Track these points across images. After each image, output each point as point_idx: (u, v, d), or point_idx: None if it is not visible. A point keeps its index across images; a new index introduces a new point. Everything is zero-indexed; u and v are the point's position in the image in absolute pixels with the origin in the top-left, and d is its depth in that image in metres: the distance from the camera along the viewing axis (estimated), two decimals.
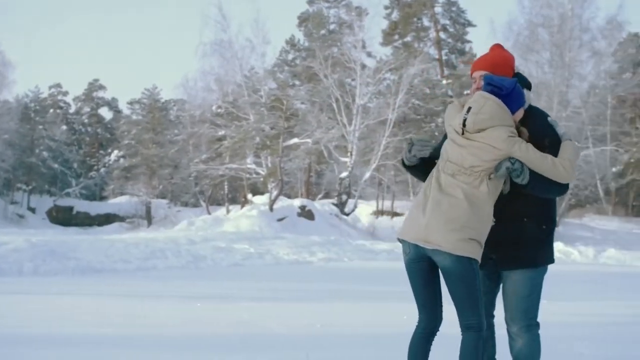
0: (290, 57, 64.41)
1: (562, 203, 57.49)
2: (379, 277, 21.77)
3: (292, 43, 64.99)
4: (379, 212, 54.58)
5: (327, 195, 60.90)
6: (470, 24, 65.77)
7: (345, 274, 22.79)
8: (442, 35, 65.81)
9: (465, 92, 56.93)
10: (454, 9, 64.65)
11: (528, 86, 5.64)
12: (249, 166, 52.16)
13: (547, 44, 59.22)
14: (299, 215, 43.26)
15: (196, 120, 58.53)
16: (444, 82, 57.26)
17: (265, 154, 52.10)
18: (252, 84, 55.54)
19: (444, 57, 65.51)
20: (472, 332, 5.20)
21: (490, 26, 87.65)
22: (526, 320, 5.54)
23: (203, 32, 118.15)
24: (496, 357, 5.85)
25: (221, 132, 54.26)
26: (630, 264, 31.59)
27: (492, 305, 5.72)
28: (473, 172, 5.23)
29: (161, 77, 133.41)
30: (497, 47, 5.71)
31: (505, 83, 5.33)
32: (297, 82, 60.47)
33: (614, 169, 56.38)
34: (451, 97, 56.28)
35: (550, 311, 11.93)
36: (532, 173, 5.22)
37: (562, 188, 5.33)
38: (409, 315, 11.47)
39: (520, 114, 5.44)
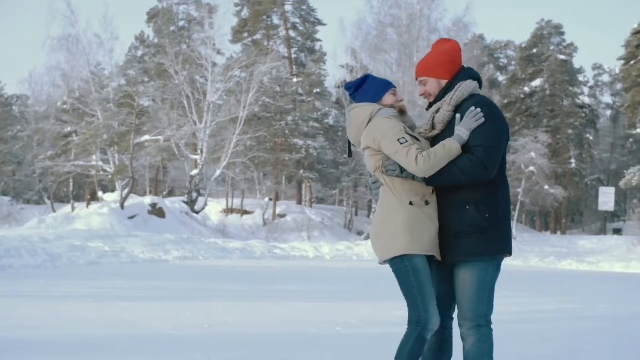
0: (139, 53, 63.47)
1: None
2: (245, 275, 21.80)
3: (141, 39, 64.07)
4: (229, 210, 54.43)
5: (171, 193, 60.35)
6: (320, 23, 66.26)
7: (208, 272, 22.72)
8: (292, 33, 66.07)
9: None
10: (304, 7, 64.99)
11: (476, 78, 5.56)
12: (96, 163, 51.10)
13: (395, 44, 60.29)
14: (150, 213, 42.63)
15: (41, 117, 56.97)
16: (294, 80, 57.51)
17: (113, 151, 51.20)
18: (100, 80, 54.46)
19: (293, 56, 65.78)
20: (411, 326, 5.26)
21: (340, 25, 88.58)
22: (475, 320, 5.32)
23: (51, 27, 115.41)
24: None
25: (68, 129, 52.98)
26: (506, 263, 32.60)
27: (450, 307, 5.57)
28: (378, 172, 5.41)
29: (5, 72, 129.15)
30: (434, 45, 5.72)
31: (353, 82, 5.66)
32: (146, 79, 59.69)
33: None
34: (301, 95, 56.65)
35: None
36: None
37: (472, 173, 5.16)
38: (287, 313, 11.69)
39: (388, 98, 5.55)
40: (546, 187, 61.99)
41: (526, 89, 71.39)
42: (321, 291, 17.00)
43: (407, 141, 5.19)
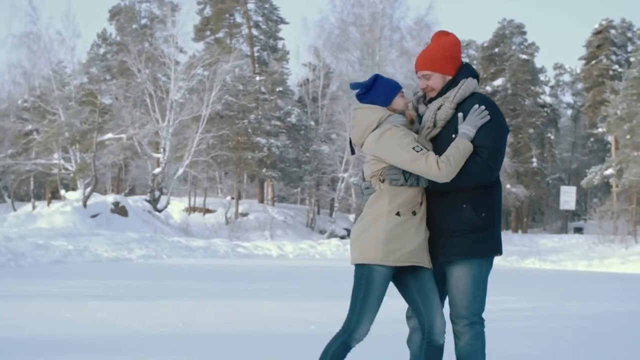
0: (102, 51, 63.08)
1: None
2: (212, 274, 21.84)
3: (103, 37, 63.67)
4: (191, 209, 54.31)
5: (132, 191, 60.09)
6: (283, 21, 66.22)
7: (174, 271, 22.72)
8: (255, 31, 65.95)
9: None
10: (266, 5, 64.93)
11: (475, 75, 5.53)
12: (57, 162, 50.76)
13: (358, 42, 60.55)
14: (113, 211, 42.47)
15: (1, 115, 56.42)
16: (257, 78, 57.46)
17: (75, 150, 50.92)
18: (61, 78, 54.12)
19: (256, 54, 65.70)
20: (341, 330, 5.39)
21: (302, 24, 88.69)
22: (469, 317, 5.33)
23: (12, 24, 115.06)
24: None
25: (29, 127, 52.62)
26: None
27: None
28: (374, 179, 5.39)
29: None
30: (436, 38, 5.63)
31: (364, 82, 5.52)
32: (108, 77, 59.34)
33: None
34: (264, 93, 56.62)
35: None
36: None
37: (478, 176, 5.19)
38: (259, 312, 11.76)
39: (398, 101, 5.45)
40: (508, 185, 62.59)
41: (488, 88, 71.86)
42: (289, 290, 17.07)
43: (422, 149, 5.15)
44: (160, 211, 48.37)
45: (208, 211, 54.09)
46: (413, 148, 5.13)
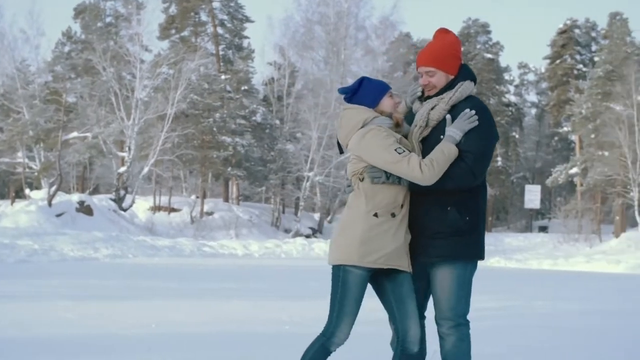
0: (66, 49, 62.66)
1: (336, 200, 59.11)
2: (180, 273, 21.90)
3: (68, 35, 63.24)
4: (156, 208, 54.16)
5: (96, 190, 59.82)
6: (248, 20, 66.09)
7: (141, 270, 22.84)
8: (220, 30, 65.79)
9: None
10: (232, 4, 64.79)
11: (473, 78, 5.46)
12: (22, 160, 50.39)
13: (323, 41, 60.58)
14: (78, 210, 42.29)
15: None
16: (223, 77, 57.41)
17: (39, 149, 50.61)
18: (25, 77, 53.74)
19: (221, 53, 65.56)
20: (320, 333, 5.32)
21: (268, 22, 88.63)
22: (455, 319, 5.27)
23: None
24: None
25: None
26: None
27: (422, 307, 5.48)
28: (354, 178, 5.33)
29: None
30: (440, 35, 5.52)
31: (350, 86, 5.44)
32: (73, 75, 59.00)
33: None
34: (229, 92, 56.57)
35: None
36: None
37: (460, 180, 5.12)
38: (231, 312, 11.81)
39: (386, 102, 5.34)
40: None
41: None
42: (259, 289, 17.11)
43: (404, 151, 5.08)
44: (125, 210, 48.23)
45: (173, 210, 53.96)
46: (395, 150, 5.07)
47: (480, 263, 5.49)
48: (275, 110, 59.71)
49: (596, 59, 65.94)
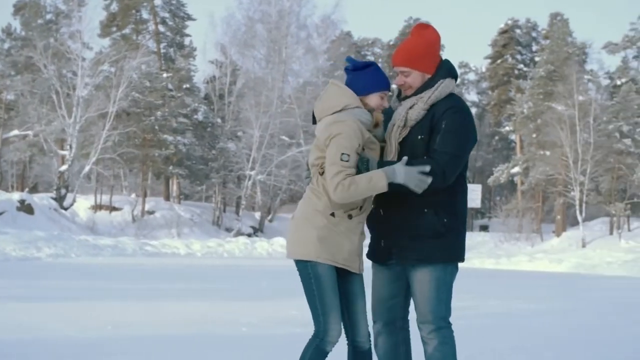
0: (6, 46, 61.83)
1: (277, 199, 59.28)
2: (127, 273, 21.91)
3: (8, 32, 62.41)
4: (97, 207, 53.79)
5: (34, 189, 59.20)
6: (189, 18, 65.90)
7: (87, 270, 22.86)
8: (162, 28, 65.52)
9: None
10: (173, 2, 64.51)
11: (454, 75, 5.26)
12: None
13: (264, 40, 60.61)
14: (19, 209, 41.89)
15: None
16: (164, 75, 57.19)
17: None
18: None
19: (163, 51, 65.28)
20: (313, 336, 5.10)
21: (209, 20, 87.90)
22: (436, 322, 5.13)
23: None
24: None
25: None
26: None
27: (403, 309, 5.40)
28: (314, 169, 5.14)
29: None
30: (417, 31, 5.31)
31: (359, 61, 5.25)
32: (13, 73, 58.27)
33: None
34: (171, 90, 56.36)
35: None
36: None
37: (438, 181, 4.93)
38: (187, 313, 11.87)
39: (374, 98, 5.16)
40: None
41: (394, 86, 72.83)
42: (211, 290, 17.13)
43: (348, 161, 4.86)
44: (66, 209, 47.83)
45: (114, 209, 53.66)
46: (342, 152, 4.86)
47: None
48: (217, 109, 59.62)
49: (537, 58, 66.85)
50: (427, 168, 4.90)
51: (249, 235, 51.90)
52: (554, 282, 25.30)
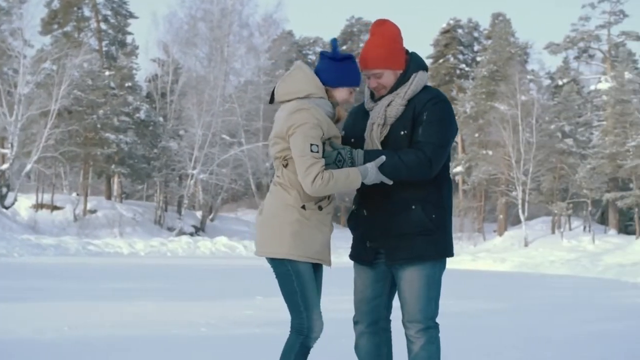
0: None
1: (219, 198, 59.30)
2: (72, 273, 21.88)
3: None
4: (39, 206, 53.31)
5: None
6: (132, 16, 65.57)
7: (31, 270, 22.77)
8: (103, 26, 65.17)
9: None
10: None
11: (425, 67, 5.21)
12: None
13: (207, 38, 60.51)
14: None
15: None
16: (107, 73, 56.85)
17: None
18: None
19: (105, 49, 64.93)
20: (294, 334, 4.99)
21: (152, 19, 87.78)
22: (424, 322, 5.03)
23: None
24: None
25: None
26: None
27: (386, 309, 5.32)
28: (277, 162, 5.04)
29: None
30: (377, 29, 5.16)
31: (338, 53, 5.05)
32: None
33: (267, 164, 58.86)
34: (113, 89, 56.07)
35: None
36: (370, 159, 4.88)
37: (416, 170, 4.85)
38: (143, 313, 11.95)
39: (342, 93, 5.04)
40: None
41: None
42: (161, 289, 17.18)
43: (318, 152, 4.78)
44: (7, 208, 47.39)
45: (56, 208, 53.22)
46: (311, 144, 4.77)
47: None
48: (159, 108, 59.40)
49: (479, 58, 67.68)
50: (382, 159, 4.85)
51: (191, 235, 51.96)
52: (500, 281, 25.75)
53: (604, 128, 55.37)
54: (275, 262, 4.99)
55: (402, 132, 5.00)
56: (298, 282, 4.93)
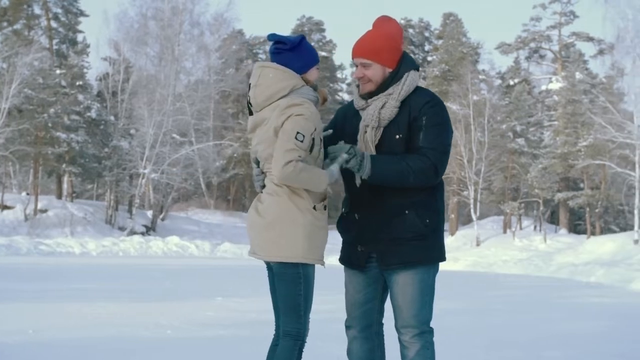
0: None
1: (169, 197, 59.04)
2: (24, 274, 21.67)
3: None
4: None
5: None
6: (83, 14, 65.01)
7: None
8: (54, 24, 64.51)
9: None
10: None
11: (417, 67, 5.13)
12: None
13: (157, 37, 60.21)
14: None
15: None
16: (57, 72, 56.26)
17: None
18: None
19: (55, 47, 64.28)
20: (289, 339, 4.88)
21: (103, 17, 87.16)
22: (419, 327, 4.98)
23: None
24: None
25: None
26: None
27: (379, 313, 5.30)
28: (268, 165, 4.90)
29: None
30: (379, 23, 5.15)
31: (289, 38, 4.91)
32: None
33: (217, 164, 58.62)
34: (64, 87, 55.51)
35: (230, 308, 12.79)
36: (378, 162, 4.84)
37: (423, 176, 4.84)
38: (108, 315, 11.85)
39: (314, 73, 4.97)
40: None
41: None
42: (115, 290, 17.01)
43: (302, 141, 4.66)
44: None
45: (6, 207, 52.55)
46: (298, 132, 4.67)
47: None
48: (110, 106, 58.91)
49: (430, 58, 68.05)
50: (345, 156, 4.81)
51: (143, 234, 51.66)
52: (457, 281, 25.87)
53: (555, 128, 56.05)
54: (287, 266, 4.84)
55: (397, 136, 4.94)
56: (305, 285, 4.87)
